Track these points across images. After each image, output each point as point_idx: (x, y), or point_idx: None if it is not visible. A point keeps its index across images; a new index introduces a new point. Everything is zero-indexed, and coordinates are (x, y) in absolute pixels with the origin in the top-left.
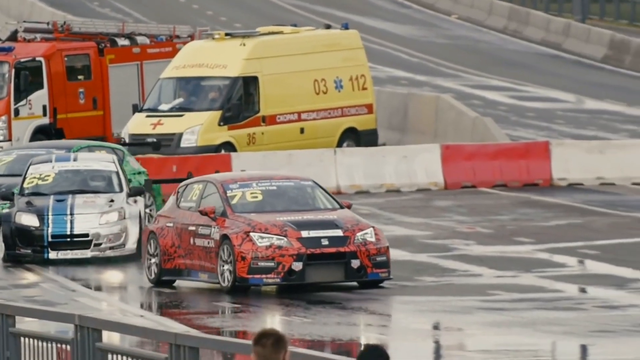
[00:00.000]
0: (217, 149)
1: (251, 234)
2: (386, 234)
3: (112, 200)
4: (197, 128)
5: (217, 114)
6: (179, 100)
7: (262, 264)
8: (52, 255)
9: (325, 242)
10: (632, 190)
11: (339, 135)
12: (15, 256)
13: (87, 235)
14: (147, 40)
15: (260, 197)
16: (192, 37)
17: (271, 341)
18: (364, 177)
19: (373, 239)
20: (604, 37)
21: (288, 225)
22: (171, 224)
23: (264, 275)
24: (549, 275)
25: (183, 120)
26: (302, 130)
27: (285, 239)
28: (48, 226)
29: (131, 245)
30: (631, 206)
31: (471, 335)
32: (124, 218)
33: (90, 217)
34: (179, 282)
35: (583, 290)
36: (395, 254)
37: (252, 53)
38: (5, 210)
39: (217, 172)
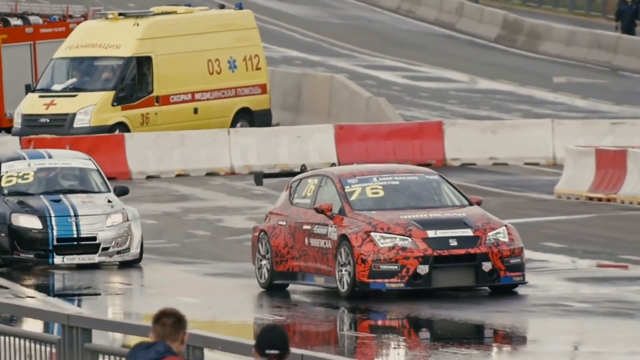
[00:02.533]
0: (110, 129)
1: (372, 234)
2: None
3: (109, 201)
4: (90, 108)
5: (110, 94)
6: (72, 80)
7: (384, 267)
8: (57, 260)
9: (453, 242)
10: (525, 170)
11: (233, 115)
12: (13, 261)
13: (94, 238)
14: (40, 20)
15: (381, 193)
16: (85, 17)
17: (172, 320)
18: (257, 157)
19: (506, 239)
20: (497, 17)
21: (412, 225)
22: (284, 223)
23: (386, 280)
24: None
25: (76, 100)
26: (195, 111)
27: (410, 240)
28: (52, 229)
29: (135, 249)
30: (523, 186)
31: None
32: (127, 220)
33: (95, 218)
34: (292, 287)
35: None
36: None
37: (146, 33)
38: None
39: (333, 164)
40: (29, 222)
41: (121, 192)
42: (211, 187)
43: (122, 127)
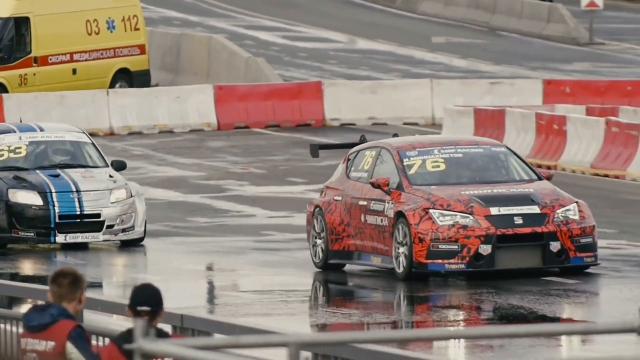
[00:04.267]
0: None
1: (430, 210)
2: (159, 175)
3: (111, 176)
4: None
5: None
6: None
7: (443, 246)
8: (60, 238)
9: (518, 220)
10: (404, 129)
11: (112, 76)
12: (11, 240)
13: (98, 215)
14: None
15: (442, 167)
16: None
17: (68, 280)
18: (136, 118)
19: (576, 217)
20: None
21: (474, 201)
22: (340, 198)
23: (445, 260)
24: None
25: None
26: (74, 71)
27: (471, 217)
28: (54, 205)
29: (139, 227)
30: None
31: (245, 275)
32: (131, 196)
33: (98, 194)
34: (349, 267)
35: None
36: (167, 194)
37: None
38: None
39: (395, 135)
40: (28, 198)
41: (119, 166)
42: None
43: (0, 87)
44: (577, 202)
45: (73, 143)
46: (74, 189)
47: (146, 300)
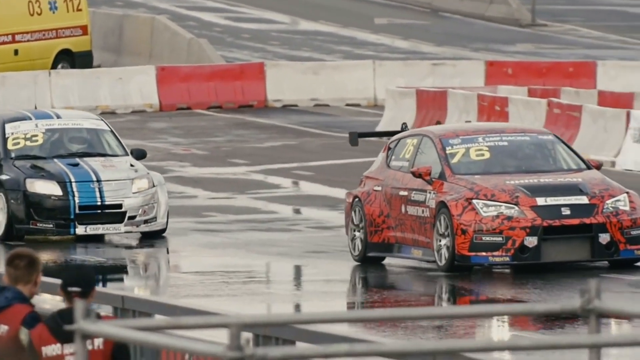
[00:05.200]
0: None
1: (474, 201)
2: None
3: (132, 165)
4: None
5: None
6: None
7: (487, 238)
8: (80, 230)
9: (566, 211)
10: (346, 111)
11: (54, 56)
12: (29, 232)
13: (120, 206)
14: None
15: (487, 155)
16: None
17: (24, 262)
18: (79, 99)
19: (627, 208)
20: None
21: (520, 191)
22: (379, 188)
23: (489, 253)
24: (263, 196)
25: None
26: (16, 52)
27: (517, 208)
28: (74, 195)
29: (161, 219)
30: (345, 127)
31: (186, 256)
32: (154, 186)
33: (120, 184)
34: (388, 260)
35: (297, 212)
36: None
37: None
38: (4, 177)
39: (438, 122)
40: (46, 188)
41: (139, 155)
42: None
43: None
44: (627, 193)
45: (91, 130)
46: (94, 179)
47: (77, 281)
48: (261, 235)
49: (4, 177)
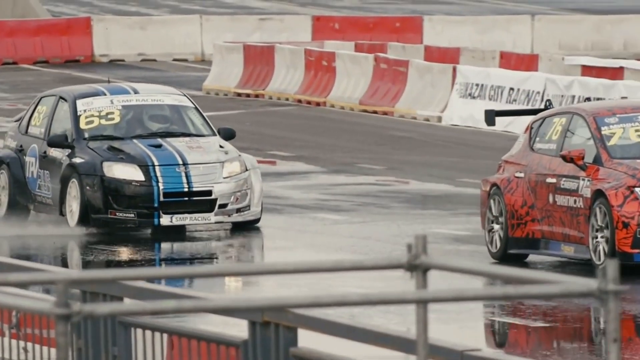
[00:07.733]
0: None
1: (637, 189)
2: None
3: (221, 146)
4: None
5: None
6: None
7: None
8: (165, 220)
9: None
10: (174, 66)
11: None
12: (108, 222)
13: (209, 192)
14: None
15: None
16: None
17: None
18: None
19: None
20: None
21: None
22: (522, 174)
23: None
24: None
25: None
26: None
27: None
28: (157, 181)
29: (255, 207)
30: (172, 82)
31: None
32: (247, 169)
33: (208, 168)
34: (531, 258)
35: None
36: None
37: None
38: (78, 160)
39: (587, 99)
40: (126, 172)
41: (227, 134)
42: None
43: None
44: None
45: (173, 107)
46: (180, 162)
47: None
48: None
49: (77, 160)
